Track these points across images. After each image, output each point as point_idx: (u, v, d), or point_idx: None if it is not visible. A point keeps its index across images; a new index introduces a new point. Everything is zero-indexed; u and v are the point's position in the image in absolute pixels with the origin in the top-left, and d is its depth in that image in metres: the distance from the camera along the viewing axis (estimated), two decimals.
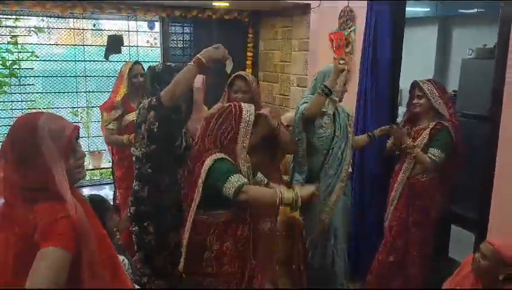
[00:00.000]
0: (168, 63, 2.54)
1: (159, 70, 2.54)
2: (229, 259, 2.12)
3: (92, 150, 5.26)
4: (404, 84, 3.38)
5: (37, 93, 5.05)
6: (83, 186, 4.80)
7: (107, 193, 4.48)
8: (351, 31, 3.49)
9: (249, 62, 5.07)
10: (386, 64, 3.11)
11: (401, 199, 2.93)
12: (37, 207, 1.30)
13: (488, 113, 2.68)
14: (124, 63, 3.59)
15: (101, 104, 3.56)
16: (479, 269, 2.25)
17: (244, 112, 2.11)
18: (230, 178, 1.96)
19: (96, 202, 2.20)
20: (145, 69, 3.48)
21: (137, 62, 3.50)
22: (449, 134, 2.77)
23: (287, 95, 4.55)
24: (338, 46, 2.89)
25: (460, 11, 5.36)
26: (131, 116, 3.31)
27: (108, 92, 3.63)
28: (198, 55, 2.38)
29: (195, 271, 2.14)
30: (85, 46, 4.84)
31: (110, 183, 4.52)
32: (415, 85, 2.89)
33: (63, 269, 1.25)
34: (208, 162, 2.04)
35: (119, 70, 3.52)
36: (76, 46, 4.82)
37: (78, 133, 1.44)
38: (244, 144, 2.10)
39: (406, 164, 2.90)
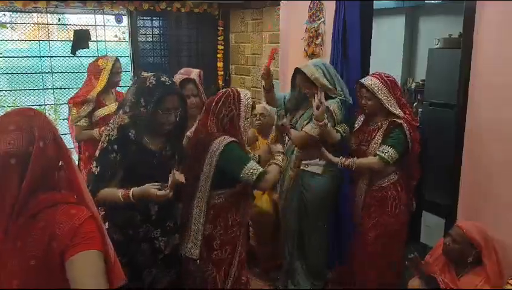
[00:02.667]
0: (162, 78, 2.08)
1: (151, 86, 2.05)
2: (220, 244, 2.22)
3: None
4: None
5: (1, 91, 4.87)
6: None
7: None
8: (320, 23, 3.50)
9: (219, 55, 5.04)
10: (356, 55, 3.13)
11: (365, 211, 2.73)
12: (46, 214, 1.24)
13: (455, 102, 2.74)
14: (94, 58, 3.54)
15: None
16: (448, 252, 2.32)
17: (242, 95, 2.20)
18: (247, 165, 2.10)
19: None
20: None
21: (117, 59, 3.45)
22: (403, 132, 2.52)
23: (259, 88, 4.55)
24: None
25: (426, 1, 5.46)
26: (102, 112, 3.30)
27: (77, 88, 3.55)
28: (132, 191, 1.97)
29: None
30: (50, 42, 4.70)
31: None
32: (360, 85, 2.62)
33: (104, 270, 1.23)
34: (217, 145, 2.11)
35: (88, 65, 3.46)
36: (41, 42, 4.67)
37: None
38: (246, 128, 2.21)
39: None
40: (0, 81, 4.75)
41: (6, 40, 4.69)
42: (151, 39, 4.82)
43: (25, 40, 4.75)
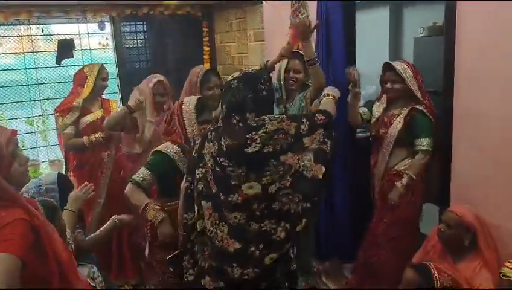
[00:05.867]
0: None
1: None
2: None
3: (51, 159, 5.09)
4: (362, 67, 3.41)
5: None
6: None
7: None
8: (304, 18, 3.48)
9: (206, 57, 5.02)
10: (340, 49, 3.12)
11: (382, 195, 2.79)
12: None
13: (442, 88, 2.74)
14: (79, 66, 3.52)
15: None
16: (444, 238, 2.32)
17: (184, 102, 2.38)
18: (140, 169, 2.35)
19: (47, 205, 2.33)
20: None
21: (103, 66, 3.44)
22: (426, 116, 2.65)
23: None
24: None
25: None
26: (88, 118, 3.28)
27: (64, 98, 3.50)
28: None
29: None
30: (36, 53, 4.67)
31: None
32: (388, 68, 2.74)
33: (11, 273, 1.22)
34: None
35: (74, 75, 3.44)
36: (26, 55, 4.64)
37: (14, 137, 1.41)
38: (195, 133, 2.30)
39: (381, 153, 2.77)
40: None
41: None
42: (135, 44, 4.80)
43: (10, 53, 4.72)
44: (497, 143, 2.31)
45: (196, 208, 1.86)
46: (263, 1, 3.95)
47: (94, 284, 3.07)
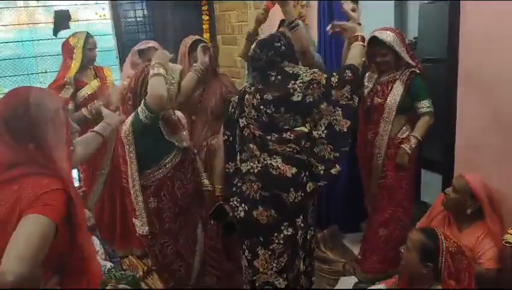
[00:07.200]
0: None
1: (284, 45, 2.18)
2: (169, 216, 2.24)
3: None
4: (367, 35, 3.32)
5: None
6: None
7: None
8: None
9: (205, 26, 4.92)
10: (343, 15, 3.04)
11: (389, 161, 2.73)
12: (25, 179, 1.28)
13: (446, 56, 2.68)
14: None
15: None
16: (448, 202, 2.31)
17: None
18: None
19: None
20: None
21: (89, 34, 3.31)
22: (423, 80, 2.64)
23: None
24: None
25: None
26: (85, 91, 3.22)
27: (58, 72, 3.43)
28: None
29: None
30: (33, 26, 4.59)
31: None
32: (375, 41, 2.59)
33: (46, 237, 1.23)
34: (127, 125, 2.14)
35: (61, 46, 3.32)
36: (23, 27, 4.57)
37: (67, 106, 1.45)
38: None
39: (383, 124, 2.70)
40: None
41: None
42: (133, 15, 4.70)
43: (7, 25, 4.64)
44: (502, 108, 2.27)
45: (238, 154, 2.16)
46: None
47: (97, 257, 3.10)
